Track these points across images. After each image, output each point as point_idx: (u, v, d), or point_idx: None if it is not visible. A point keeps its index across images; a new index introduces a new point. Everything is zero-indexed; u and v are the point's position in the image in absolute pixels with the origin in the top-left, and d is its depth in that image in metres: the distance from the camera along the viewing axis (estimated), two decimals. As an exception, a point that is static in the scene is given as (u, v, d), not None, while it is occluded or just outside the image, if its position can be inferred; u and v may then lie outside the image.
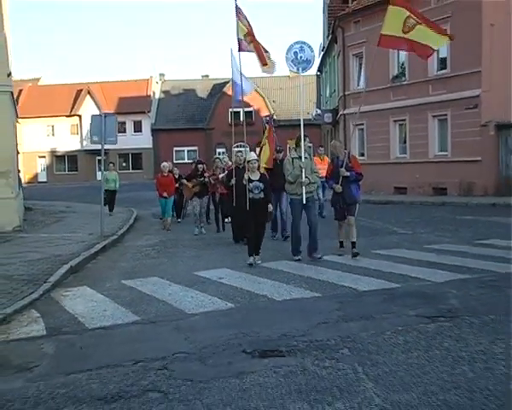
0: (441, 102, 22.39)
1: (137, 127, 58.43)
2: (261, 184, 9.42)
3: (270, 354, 4.74)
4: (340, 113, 28.80)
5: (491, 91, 20.57)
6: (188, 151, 56.82)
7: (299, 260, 9.30)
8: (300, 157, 9.62)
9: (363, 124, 26.30)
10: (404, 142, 24.91)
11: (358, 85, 27.15)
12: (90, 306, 6.82)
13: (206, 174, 14.16)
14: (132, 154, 58.25)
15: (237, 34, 11.07)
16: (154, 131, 57.79)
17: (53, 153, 58.41)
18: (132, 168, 58.58)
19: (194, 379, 4.25)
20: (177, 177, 16.25)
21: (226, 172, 13.66)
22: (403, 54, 24.27)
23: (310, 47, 10.78)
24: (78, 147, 58.16)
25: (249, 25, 10.99)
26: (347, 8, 27.78)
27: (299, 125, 10.16)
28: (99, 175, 58.48)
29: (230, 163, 15.30)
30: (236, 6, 10.93)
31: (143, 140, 57.58)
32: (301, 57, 10.61)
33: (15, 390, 4.23)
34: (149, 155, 57.25)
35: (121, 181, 21.79)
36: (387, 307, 6.12)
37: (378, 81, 24.74)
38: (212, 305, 6.56)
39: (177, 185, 15.67)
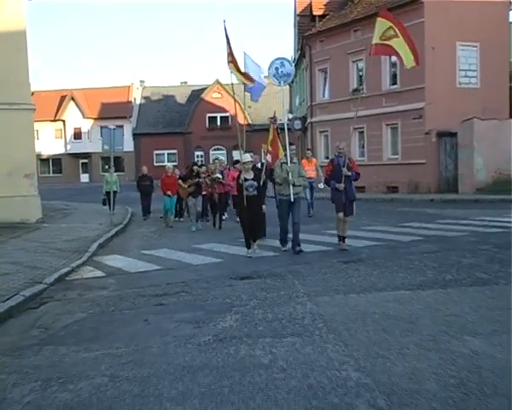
0: (393, 113, 26.06)
1: (104, 128, 61.01)
2: (255, 183, 10.44)
3: (246, 278, 8.20)
4: (308, 121, 32.37)
5: (433, 104, 24.31)
6: (168, 154, 59.84)
7: (285, 250, 10.57)
8: (287, 162, 10.63)
9: (327, 131, 29.97)
10: (363, 147, 28.57)
11: (324, 97, 30.81)
12: (125, 263, 10.19)
13: (202, 175, 15.38)
14: (115, 157, 60.69)
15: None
16: (135, 136, 60.61)
17: (38, 156, 60.70)
18: (115, 171, 61.08)
19: (204, 287, 7.69)
20: (177, 177, 16.87)
21: (219, 174, 15.83)
22: (361, 69, 28.10)
23: (289, 62, 12.04)
24: (62, 151, 60.83)
25: (230, 46, 11.39)
26: (314, 29, 31.38)
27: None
28: (82, 177, 61.77)
29: (225, 164, 17.31)
30: (225, 28, 11.35)
31: (125, 144, 59.60)
32: (282, 71, 11.77)
33: (105, 294, 7.63)
34: (131, 158, 60.07)
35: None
36: (321, 258, 9.61)
37: (340, 93, 28.61)
38: (208, 260, 10.00)
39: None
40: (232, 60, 11.39)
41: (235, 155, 47.66)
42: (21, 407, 3.97)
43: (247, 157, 10.81)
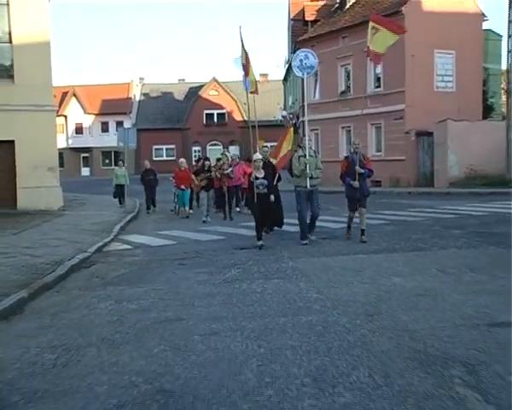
0: (377, 114, 28.49)
1: (120, 127, 63.42)
2: (265, 181, 10.95)
3: (244, 249, 10.65)
4: (301, 119, 34.80)
5: (412, 106, 26.83)
6: (166, 149, 62.24)
7: (305, 244, 10.84)
8: (305, 155, 11.12)
9: (317, 129, 32.42)
10: (350, 144, 31.01)
11: (314, 97, 33.25)
12: (146, 240, 12.62)
13: (212, 169, 16.35)
14: (115, 151, 63.16)
15: (242, 59, 12.28)
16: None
17: (40, 150, 63.06)
18: (115, 165, 63.22)
19: (212, 254, 10.14)
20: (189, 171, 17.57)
21: (231, 168, 16.90)
22: (348, 73, 30.56)
23: (313, 55, 12.32)
24: (63, 145, 62.84)
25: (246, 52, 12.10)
26: (306, 34, 33.79)
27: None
28: (83, 171, 64.11)
29: (232, 159, 18.36)
30: (240, 34, 11.96)
31: (125, 139, 62.47)
32: (306, 64, 12.10)
33: (137, 259, 10.08)
34: (130, 153, 62.40)
35: (107, 177, 24.45)
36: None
37: (329, 95, 31.13)
38: (213, 237, 12.46)
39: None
40: (247, 65, 12.05)
41: (232, 149, 50.08)
42: (108, 311, 6.41)
43: (258, 155, 11.41)
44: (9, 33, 19.07)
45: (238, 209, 17.98)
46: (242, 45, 11.94)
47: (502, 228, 11.58)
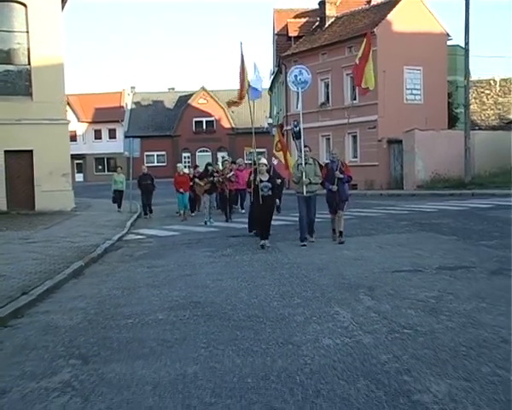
0: (353, 124, 31.50)
1: (112, 134, 66.33)
2: (269, 184, 11.57)
3: (235, 236, 13.56)
4: (285, 128, 37.78)
5: (384, 117, 29.94)
6: (157, 155, 65.09)
7: (304, 245, 11.43)
8: (303, 163, 11.72)
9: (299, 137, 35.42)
10: (329, 152, 34.08)
11: (297, 108, 36.21)
12: (155, 232, 15.49)
13: (215, 174, 17.35)
14: (107, 158, 65.88)
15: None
16: (126, 138, 65.50)
17: (36, 157, 65.49)
18: (107, 171, 66.03)
19: (211, 240, 13.05)
20: (191, 176, 19.11)
21: (232, 172, 18.29)
22: (327, 87, 33.64)
23: (307, 70, 12.97)
24: (58, 152, 65.54)
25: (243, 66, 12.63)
26: (289, 50, 36.85)
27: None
28: (77, 177, 66.68)
29: (239, 165, 19.67)
30: (241, 52, 12.65)
31: (117, 146, 64.90)
32: (300, 79, 12.73)
33: (153, 244, 12.97)
34: (123, 159, 65.04)
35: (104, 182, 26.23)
36: (283, 228, 14.92)
37: (310, 106, 34.07)
38: (210, 229, 15.39)
39: (191, 183, 18.53)
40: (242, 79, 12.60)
41: (222, 156, 53.00)
42: (144, 272, 9.30)
43: (262, 160, 12.27)
44: (28, 57, 21.87)
45: (243, 211, 19.20)
46: (242, 61, 12.61)
47: (440, 220, 14.62)
